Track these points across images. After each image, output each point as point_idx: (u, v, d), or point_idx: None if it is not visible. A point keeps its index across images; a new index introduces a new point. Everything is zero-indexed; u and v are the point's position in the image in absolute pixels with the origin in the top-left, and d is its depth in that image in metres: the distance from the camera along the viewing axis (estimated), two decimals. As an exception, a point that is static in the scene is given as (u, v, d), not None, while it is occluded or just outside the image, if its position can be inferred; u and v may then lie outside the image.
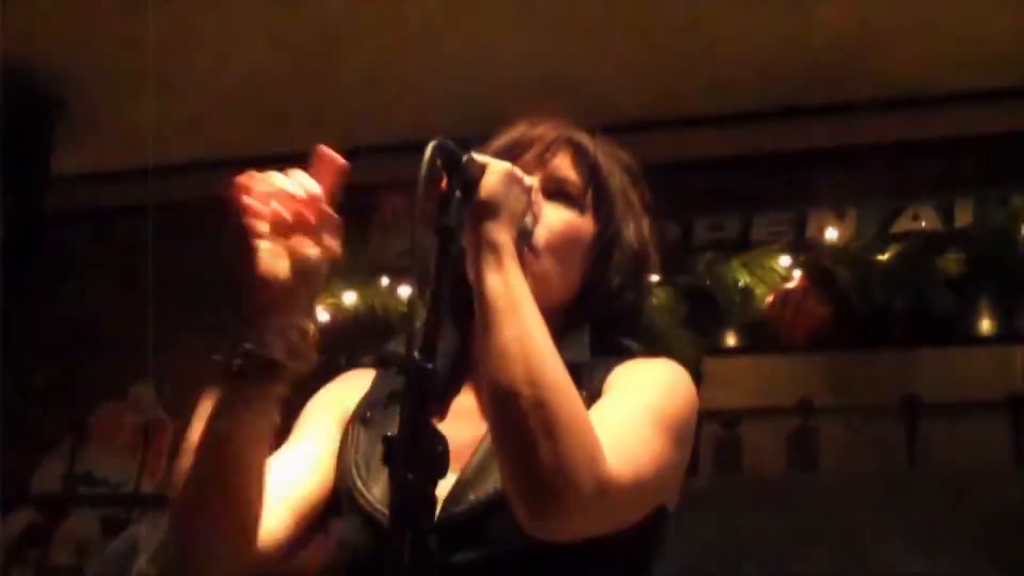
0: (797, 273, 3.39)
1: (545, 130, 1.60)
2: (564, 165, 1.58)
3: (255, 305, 1.30)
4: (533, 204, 1.47)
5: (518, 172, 1.42)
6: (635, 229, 1.62)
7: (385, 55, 3.88)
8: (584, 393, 1.37)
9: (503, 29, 3.65)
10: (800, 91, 3.77)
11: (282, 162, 4.54)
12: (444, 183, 1.35)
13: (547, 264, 1.50)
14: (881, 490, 3.20)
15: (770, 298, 3.36)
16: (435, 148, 1.31)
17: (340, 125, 4.21)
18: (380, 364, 1.67)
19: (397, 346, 1.68)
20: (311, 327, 1.36)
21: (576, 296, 1.57)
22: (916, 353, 3.39)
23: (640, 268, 1.62)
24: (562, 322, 1.49)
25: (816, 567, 3.11)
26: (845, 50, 3.60)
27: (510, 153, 1.54)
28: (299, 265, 1.30)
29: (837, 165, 3.81)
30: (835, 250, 3.43)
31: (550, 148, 1.58)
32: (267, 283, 1.30)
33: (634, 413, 1.39)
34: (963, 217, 3.50)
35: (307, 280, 1.32)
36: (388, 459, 1.21)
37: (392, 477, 1.20)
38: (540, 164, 1.57)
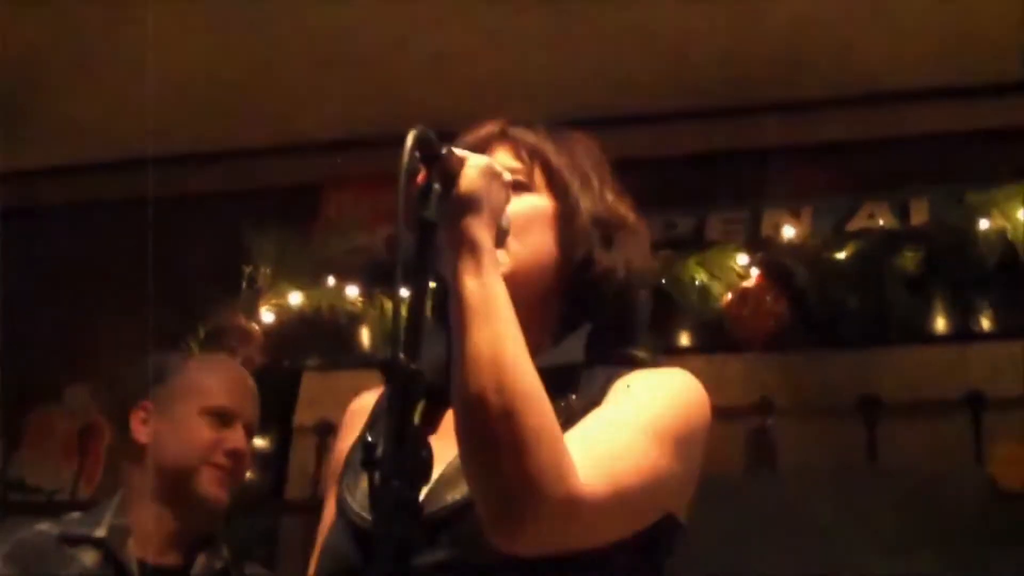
0: (754, 271, 3.35)
1: (482, 130, 1.58)
2: (502, 157, 1.54)
3: None
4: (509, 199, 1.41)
5: (497, 167, 1.37)
6: (597, 195, 1.56)
7: (329, 50, 3.80)
8: (579, 399, 1.35)
9: (448, 25, 3.58)
10: (753, 88, 3.75)
11: (220, 158, 4.48)
12: (422, 176, 1.29)
13: (514, 248, 1.45)
14: (840, 489, 3.16)
15: (728, 297, 3.32)
16: (416, 137, 1.22)
17: (283, 121, 4.14)
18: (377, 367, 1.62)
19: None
20: (255, 327, 1.37)
21: (553, 273, 1.51)
22: (874, 352, 3.36)
23: (608, 229, 1.55)
24: (560, 325, 1.46)
25: (774, 567, 3.07)
26: (799, 47, 3.59)
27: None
28: None
29: (791, 162, 3.79)
30: (792, 248, 3.40)
31: (488, 143, 1.55)
32: None
33: (625, 423, 1.34)
34: (919, 215, 3.49)
35: None
36: (368, 464, 1.17)
37: (370, 483, 1.16)
38: None
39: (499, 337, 1.25)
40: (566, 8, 3.52)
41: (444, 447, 1.26)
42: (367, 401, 1.60)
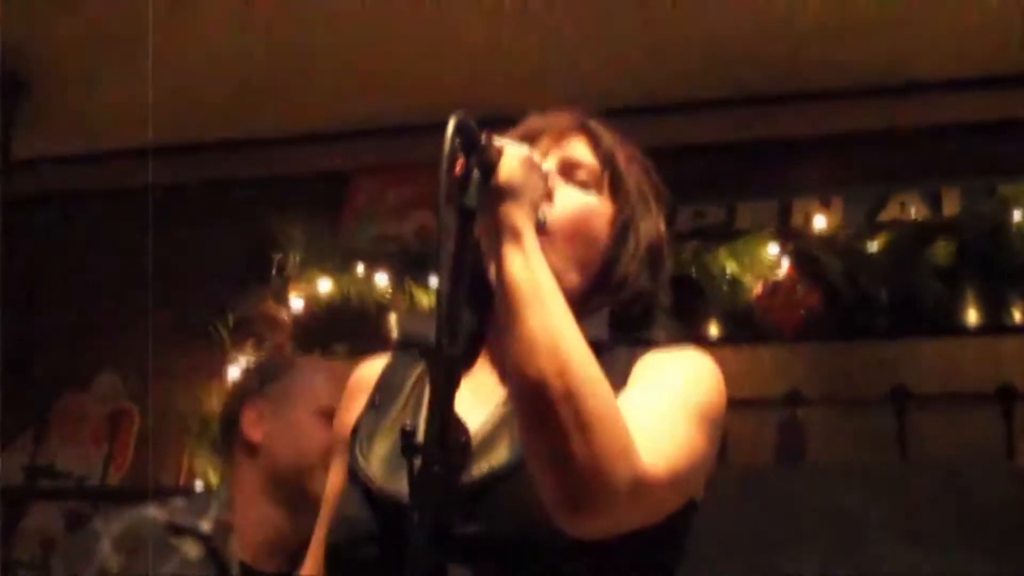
0: (785, 262, 3.33)
1: (559, 118, 1.59)
2: (580, 149, 1.55)
3: None
4: (548, 191, 1.43)
5: (536, 157, 1.37)
6: (652, 222, 1.57)
7: (358, 40, 3.79)
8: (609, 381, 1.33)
9: (479, 15, 3.57)
10: (784, 78, 3.72)
11: (255, 146, 4.48)
12: (461, 164, 1.29)
13: (561, 248, 1.45)
14: (870, 482, 3.15)
15: (758, 287, 3.31)
16: (456, 125, 1.22)
17: (312, 110, 4.14)
18: (400, 347, 1.62)
19: (407, 325, 1.71)
20: (284, 315, 1.39)
21: (592, 282, 1.51)
22: (905, 344, 3.34)
23: (656, 260, 1.57)
24: (579, 307, 1.42)
25: (804, 560, 3.06)
26: (830, 36, 3.55)
27: (525, 139, 1.51)
28: None
29: (822, 152, 3.76)
30: (823, 239, 3.38)
31: (565, 133, 1.56)
32: None
33: (664, 404, 1.35)
34: (951, 206, 3.47)
35: None
36: (408, 451, 1.18)
37: (409, 468, 1.17)
38: (555, 148, 1.55)
39: (555, 321, 1.25)
40: (594, 2, 3.50)
41: (463, 409, 1.26)
42: (371, 371, 1.59)
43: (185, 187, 4.34)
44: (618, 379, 1.38)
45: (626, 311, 1.51)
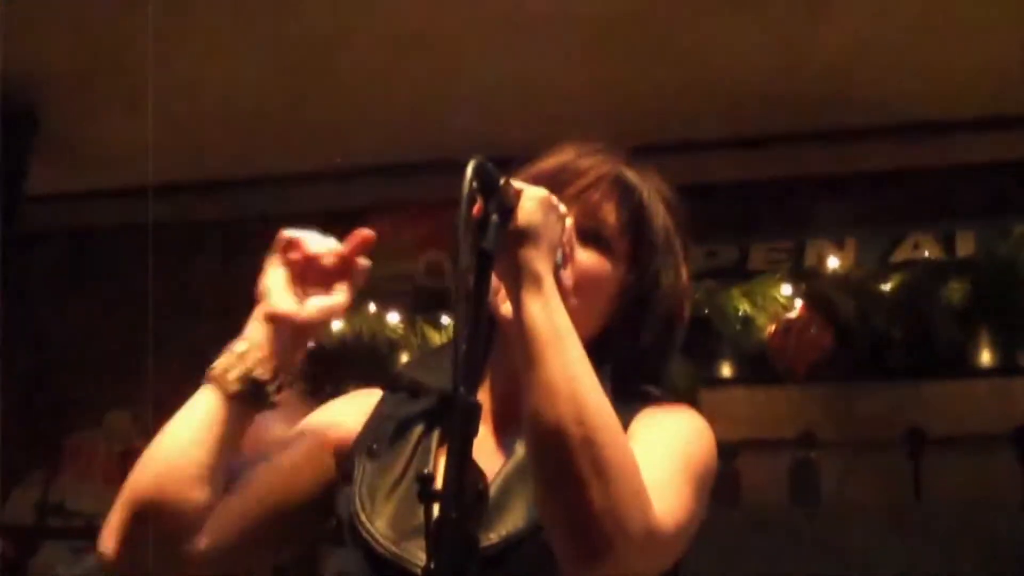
0: (798, 303, 3.32)
1: (593, 163, 1.48)
2: (606, 206, 1.47)
3: (266, 336, 1.40)
4: (568, 234, 1.38)
5: (554, 200, 1.33)
6: (673, 278, 1.51)
7: (372, 77, 3.81)
8: None
9: (501, 50, 3.58)
10: (798, 118, 3.73)
11: (266, 183, 4.48)
12: (479, 206, 1.27)
13: (571, 306, 1.36)
14: (884, 525, 3.13)
15: (771, 328, 3.29)
16: (475, 168, 1.21)
17: (322, 148, 4.15)
18: (389, 387, 1.57)
19: (408, 370, 1.65)
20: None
21: (595, 342, 1.43)
22: (919, 385, 3.32)
23: (673, 322, 1.52)
24: None
25: (817, 602, 3.04)
26: (844, 77, 3.56)
27: (553, 180, 1.44)
28: (323, 310, 1.41)
29: (835, 192, 3.76)
30: (837, 279, 3.36)
31: (594, 185, 1.47)
32: (285, 319, 1.39)
33: (666, 461, 1.33)
34: (965, 246, 3.47)
35: (321, 323, 1.44)
36: (425, 497, 1.13)
37: (427, 515, 1.12)
38: (581, 200, 1.46)
39: (573, 367, 1.23)
40: (610, 36, 3.51)
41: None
42: (368, 401, 1.55)
43: (194, 224, 4.35)
44: None
45: (631, 362, 1.48)
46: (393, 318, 3.75)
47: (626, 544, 1.18)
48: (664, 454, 1.33)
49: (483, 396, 1.44)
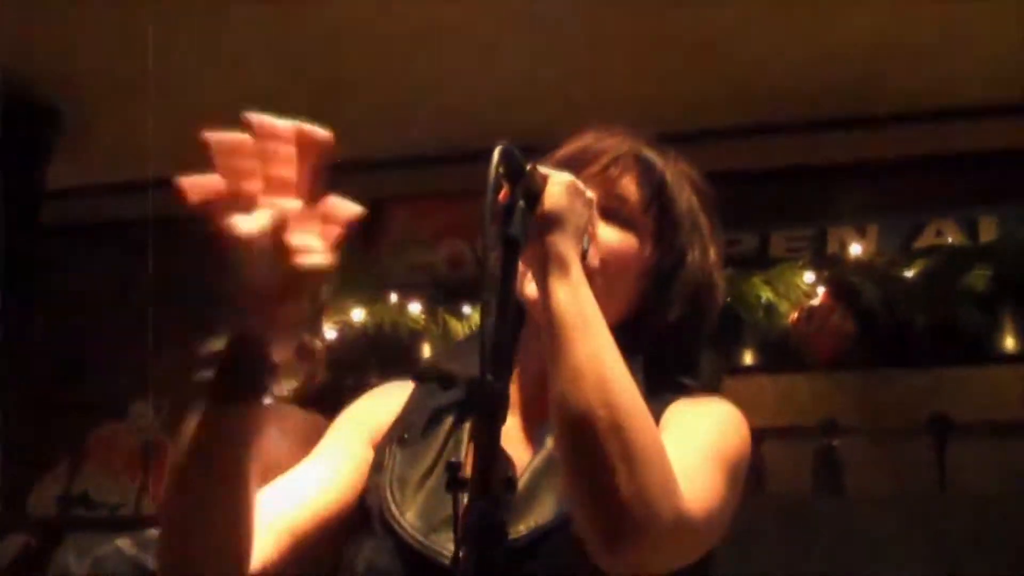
0: (820, 290, 3.31)
1: (613, 143, 1.48)
2: (627, 184, 1.46)
3: (242, 314, 1.14)
4: (593, 219, 1.38)
5: (580, 185, 1.33)
6: (699, 256, 1.50)
7: (391, 68, 3.80)
8: None
9: (517, 40, 3.57)
10: (819, 105, 3.70)
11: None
12: (505, 192, 1.25)
13: (597, 286, 1.35)
14: (908, 512, 3.11)
15: (794, 315, 3.28)
16: (501, 154, 1.20)
17: (345, 138, 4.12)
18: (418, 379, 1.56)
19: (439, 361, 1.62)
20: (317, 344, 1.32)
21: (624, 324, 1.43)
22: (943, 371, 3.31)
23: (703, 299, 1.49)
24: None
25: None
26: (866, 64, 3.54)
27: (574, 164, 1.43)
28: (294, 267, 1.07)
29: (857, 179, 3.75)
30: (859, 266, 3.36)
31: (615, 163, 1.46)
32: (256, 288, 1.10)
33: (699, 450, 1.32)
34: (987, 232, 3.45)
35: (305, 284, 1.11)
36: (453, 486, 1.12)
37: (455, 502, 1.11)
38: (602, 179, 1.46)
39: (601, 352, 1.22)
40: (631, 27, 3.50)
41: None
42: (401, 392, 1.53)
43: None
44: None
45: (663, 351, 1.46)
46: (415, 309, 3.76)
47: (654, 530, 1.16)
48: (696, 443, 1.32)
49: (512, 388, 1.44)
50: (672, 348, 1.48)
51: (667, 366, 1.46)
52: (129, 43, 3.75)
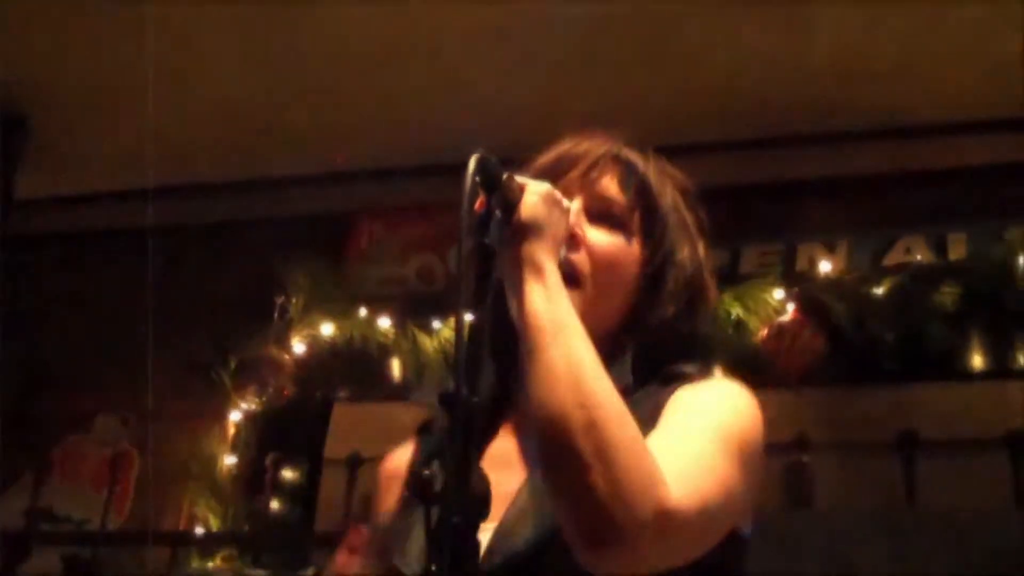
0: (790, 306, 3.32)
1: (591, 146, 1.49)
2: (610, 184, 1.47)
3: None
4: (573, 229, 1.38)
5: (557, 194, 1.33)
6: (689, 252, 1.50)
7: (361, 82, 3.80)
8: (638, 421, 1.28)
9: (493, 54, 3.57)
10: (789, 121, 3.72)
11: (258, 187, 4.46)
12: (481, 202, 1.26)
13: (590, 292, 1.39)
14: (877, 528, 3.11)
15: (764, 331, 3.29)
16: (478, 162, 1.20)
17: (315, 152, 4.13)
18: (420, 432, 1.55)
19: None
20: (286, 357, 1.30)
21: (621, 325, 1.45)
22: (912, 388, 3.31)
23: (695, 295, 1.49)
24: (607, 351, 1.35)
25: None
26: (837, 80, 3.56)
27: (554, 170, 1.44)
28: None
29: (826, 196, 3.77)
30: (829, 283, 3.37)
31: (596, 166, 1.47)
32: None
33: (697, 436, 1.29)
34: (957, 250, 3.47)
35: None
36: (426, 499, 1.12)
37: (426, 517, 1.11)
38: (585, 183, 1.46)
39: (574, 352, 1.22)
40: (601, 43, 3.51)
41: (492, 479, 1.18)
42: (399, 460, 1.52)
43: (187, 228, 4.34)
44: (649, 417, 1.33)
45: (659, 347, 1.45)
46: (384, 323, 3.74)
47: (636, 528, 1.15)
48: (694, 432, 1.30)
49: (509, 411, 1.45)
50: (668, 343, 1.47)
51: (665, 354, 1.45)
52: (97, 54, 3.74)
